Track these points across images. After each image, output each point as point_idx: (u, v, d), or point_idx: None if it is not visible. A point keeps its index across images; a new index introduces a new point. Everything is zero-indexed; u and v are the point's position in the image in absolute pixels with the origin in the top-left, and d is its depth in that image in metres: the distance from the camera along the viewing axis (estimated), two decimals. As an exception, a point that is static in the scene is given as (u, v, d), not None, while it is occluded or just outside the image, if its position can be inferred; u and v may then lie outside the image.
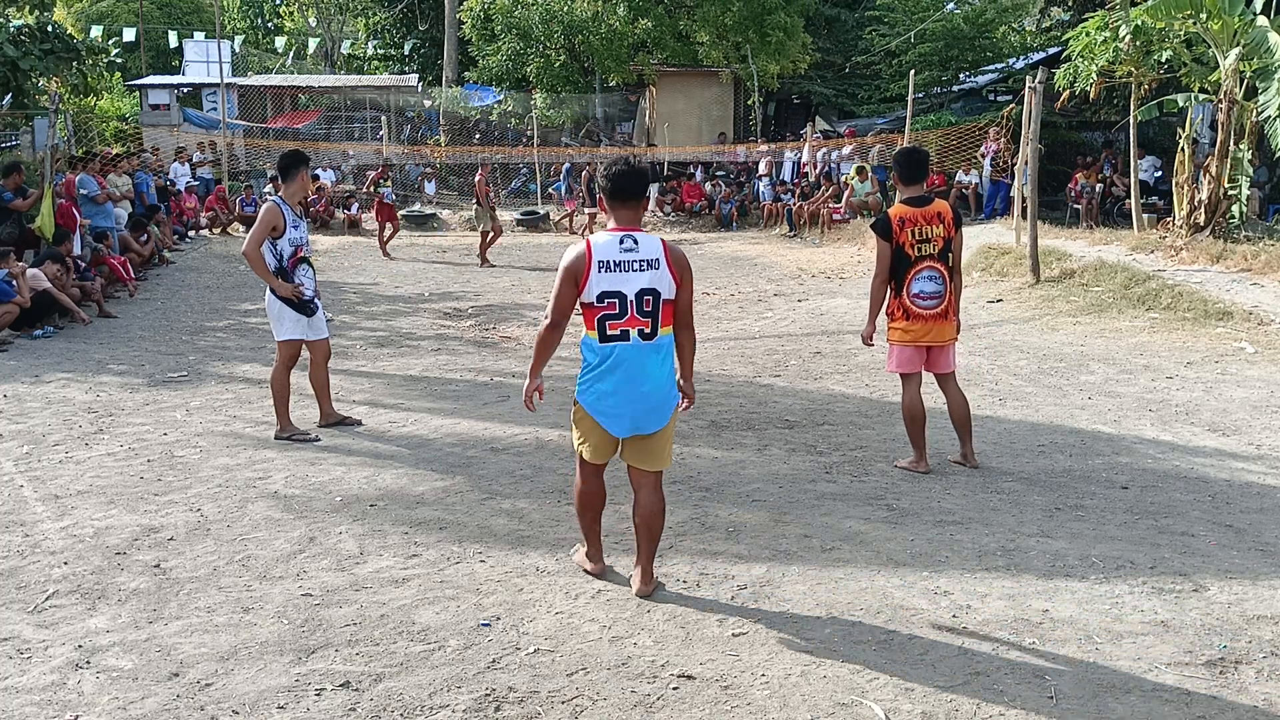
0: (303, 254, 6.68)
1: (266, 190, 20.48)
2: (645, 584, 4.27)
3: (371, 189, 19.91)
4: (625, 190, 4.13)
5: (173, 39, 35.99)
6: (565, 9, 26.29)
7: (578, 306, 4.15)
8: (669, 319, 4.15)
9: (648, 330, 4.09)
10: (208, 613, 4.11)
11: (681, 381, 4.27)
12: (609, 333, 4.08)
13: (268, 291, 6.66)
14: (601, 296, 4.06)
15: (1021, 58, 25.30)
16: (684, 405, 4.27)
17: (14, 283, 10.06)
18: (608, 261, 4.05)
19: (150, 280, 14.34)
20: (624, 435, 4.17)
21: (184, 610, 4.13)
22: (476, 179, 18.30)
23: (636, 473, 4.26)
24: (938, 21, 24.47)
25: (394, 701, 3.44)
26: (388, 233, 18.36)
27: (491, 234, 17.44)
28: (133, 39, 35.48)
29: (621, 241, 4.07)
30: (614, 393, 4.10)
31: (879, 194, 19.40)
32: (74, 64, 21.02)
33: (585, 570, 4.46)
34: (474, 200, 18.42)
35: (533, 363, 4.26)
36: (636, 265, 4.06)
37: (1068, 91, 14.72)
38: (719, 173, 24.71)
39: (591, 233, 21.13)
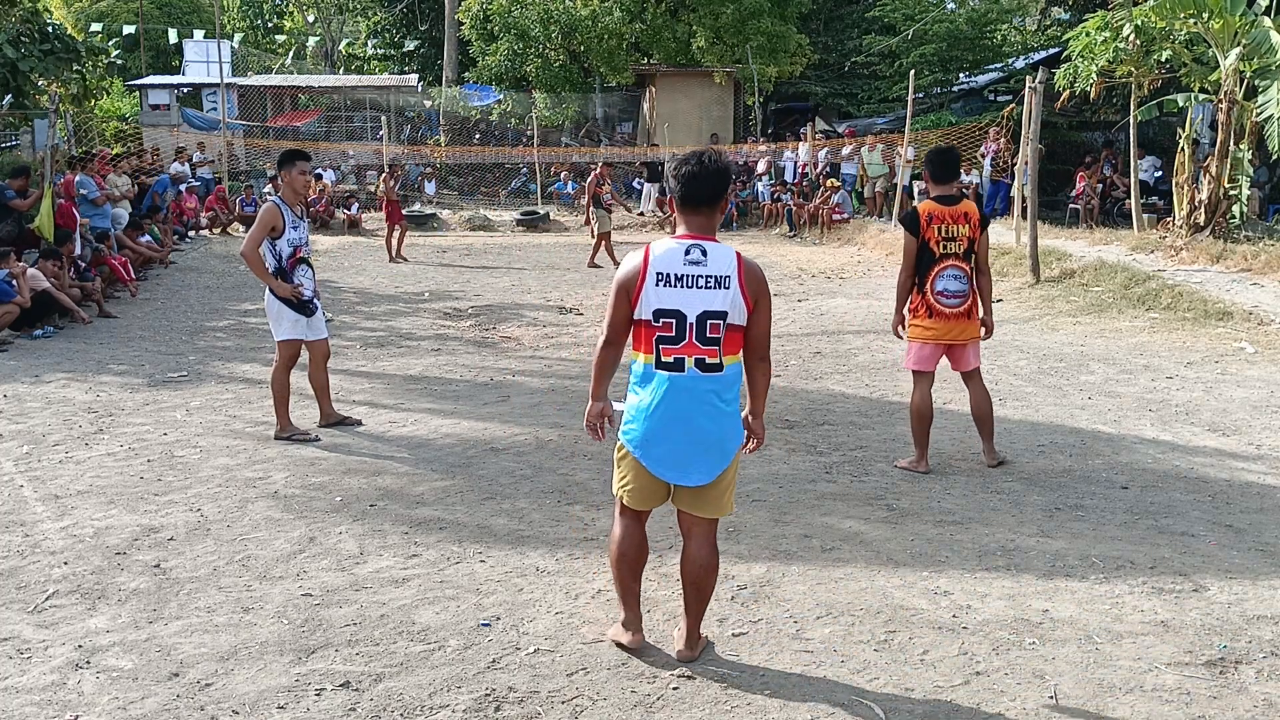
0: (302, 254, 6.68)
1: (266, 190, 20.47)
2: (690, 648, 3.71)
3: (384, 190, 18.52)
4: (697, 195, 3.54)
5: (172, 37, 36.03)
6: (562, 9, 26.29)
7: None
8: (735, 347, 3.53)
9: (709, 360, 3.49)
10: (208, 613, 4.11)
11: (750, 419, 3.71)
12: (664, 359, 3.50)
13: (267, 292, 6.66)
14: (657, 315, 3.47)
15: (1022, 58, 25.33)
16: (750, 446, 3.74)
17: (14, 283, 10.06)
18: (667, 274, 3.48)
19: (150, 280, 14.33)
20: (673, 481, 3.60)
21: (184, 610, 4.13)
22: (589, 179, 17.08)
23: (686, 518, 3.69)
24: (939, 22, 24.48)
25: (394, 701, 3.44)
26: (396, 233, 17.60)
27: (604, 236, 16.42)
28: (131, 33, 35.48)
29: (687, 252, 3.49)
30: (662, 431, 3.52)
31: (888, 169, 19.49)
32: (74, 65, 20.96)
33: (620, 645, 3.78)
34: (587, 201, 17.00)
35: (593, 384, 3.70)
36: (702, 281, 3.46)
37: (1068, 91, 14.73)
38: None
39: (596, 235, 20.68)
